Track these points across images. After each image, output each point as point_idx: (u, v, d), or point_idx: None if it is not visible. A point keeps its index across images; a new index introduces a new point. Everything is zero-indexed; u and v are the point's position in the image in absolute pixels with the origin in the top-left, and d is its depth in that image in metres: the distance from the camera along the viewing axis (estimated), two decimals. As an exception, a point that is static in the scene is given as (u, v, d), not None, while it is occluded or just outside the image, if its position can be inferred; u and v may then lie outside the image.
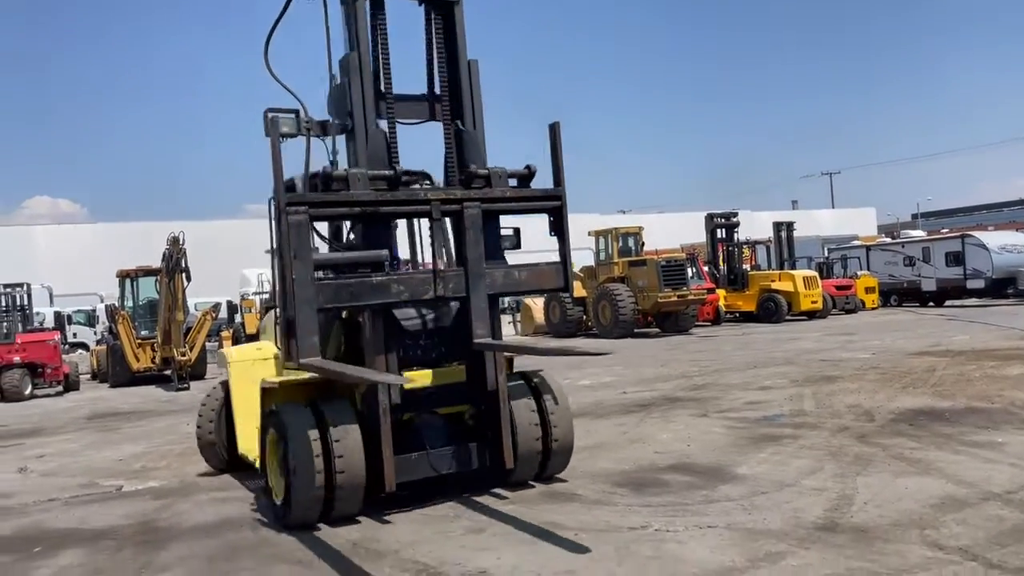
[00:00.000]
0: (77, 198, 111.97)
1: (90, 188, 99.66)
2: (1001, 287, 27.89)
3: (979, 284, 28.26)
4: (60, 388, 18.74)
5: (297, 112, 5.97)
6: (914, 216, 66.23)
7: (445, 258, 5.87)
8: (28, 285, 21.60)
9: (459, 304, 5.80)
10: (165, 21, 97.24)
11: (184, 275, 17.71)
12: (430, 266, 5.72)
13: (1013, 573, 3.96)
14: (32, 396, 17.89)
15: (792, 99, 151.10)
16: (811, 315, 25.74)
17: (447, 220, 5.77)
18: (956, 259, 29.05)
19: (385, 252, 5.60)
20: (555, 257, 6.02)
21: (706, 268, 26.78)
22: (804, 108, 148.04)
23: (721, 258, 27.47)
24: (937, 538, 4.53)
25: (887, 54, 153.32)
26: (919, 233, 38.53)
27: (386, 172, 5.60)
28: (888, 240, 37.21)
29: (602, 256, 25.22)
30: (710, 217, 27.67)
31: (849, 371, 11.95)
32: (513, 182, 5.94)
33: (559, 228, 6.02)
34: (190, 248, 17.58)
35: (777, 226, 28.20)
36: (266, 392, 5.96)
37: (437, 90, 6.15)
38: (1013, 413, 7.97)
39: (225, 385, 7.54)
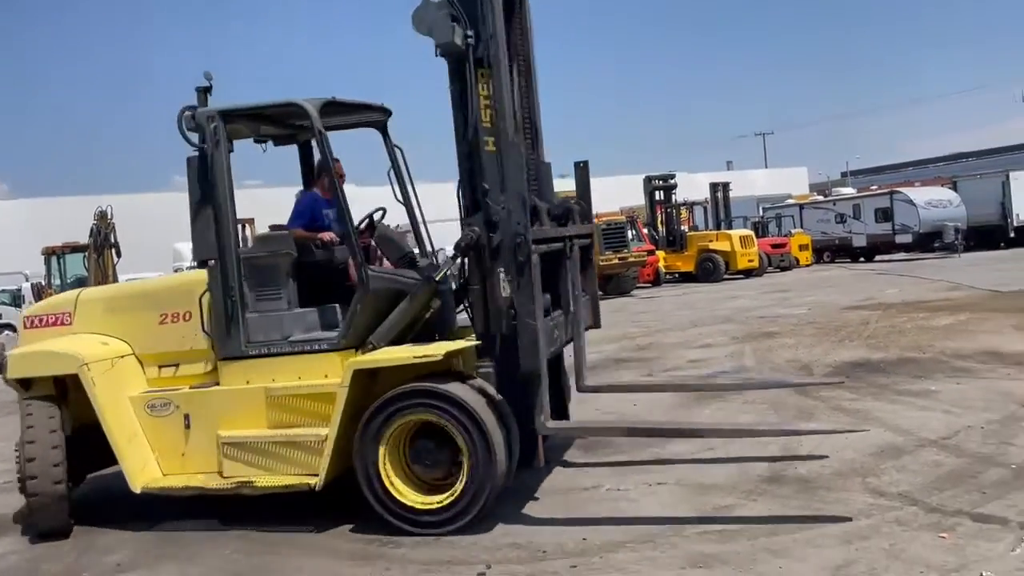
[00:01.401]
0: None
1: (10, 164, 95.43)
2: (928, 241, 28.84)
3: (907, 239, 29.16)
4: (-14, 371, 18.04)
5: (458, 21, 4.73)
6: (843, 174, 67.74)
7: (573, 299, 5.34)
8: (-53, 266, 20.67)
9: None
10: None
11: (114, 251, 17.19)
12: None
13: (952, 515, 4.10)
14: (-43, 381, 17.18)
15: (722, 61, 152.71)
16: (748, 273, 26.25)
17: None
18: (885, 215, 29.89)
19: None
20: None
21: (645, 230, 27.01)
22: (735, 69, 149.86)
23: (660, 220, 27.72)
24: (878, 485, 4.67)
25: (814, 16, 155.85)
26: (849, 191, 39.51)
27: (545, 204, 5.20)
28: (820, 198, 38.09)
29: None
30: (648, 179, 27.85)
31: (787, 327, 12.22)
32: None
33: (589, 265, 5.91)
34: (119, 222, 17.05)
35: (713, 187, 28.57)
36: (384, 373, 4.75)
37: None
38: (944, 362, 8.25)
39: (55, 401, 5.21)
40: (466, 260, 4.93)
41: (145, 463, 5.13)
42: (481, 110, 4.77)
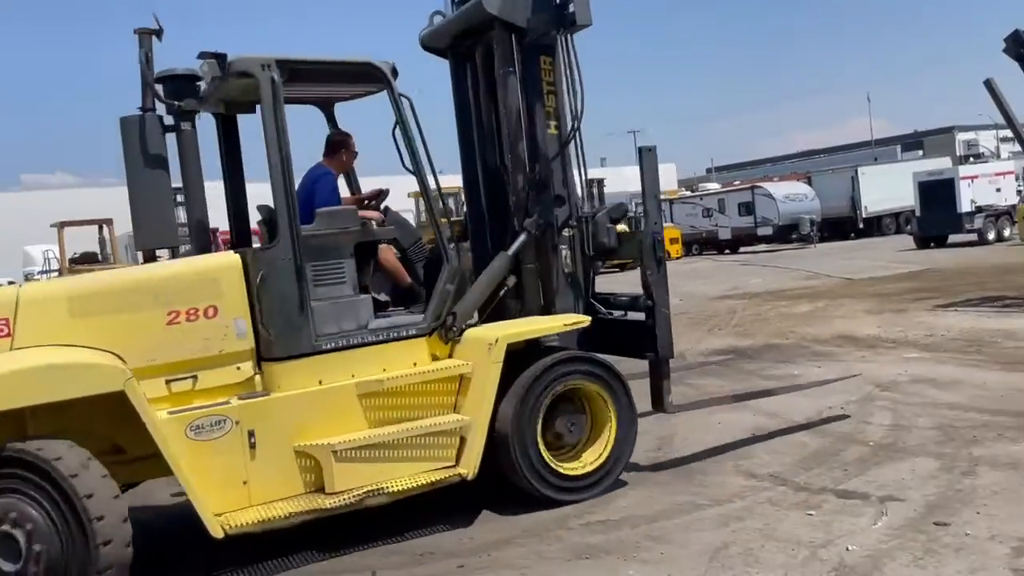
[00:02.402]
0: None
1: None
2: (786, 233, 30.48)
3: (768, 231, 30.72)
4: None
5: None
6: (708, 170, 70.64)
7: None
8: None
9: None
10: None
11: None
12: None
13: (818, 493, 4.32)
14: None
15: (593, 61, 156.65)
16: (622, 267, 26.92)
17: None
18: (748, 209, 31.37)
19: None
20: None
21: (525, 225, 27.27)
22: (605, 69, 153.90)
23: (539, 215, 28.04)
24: (750, 467, 4.87)
25: (680, 22, 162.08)
26: (714, 186, 41.20)
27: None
28: (688, 193, 39.55)
29: (423, 218, 25.05)
30: (525, 175, 28.13)
31: (661, 318, 12.59)
32: None
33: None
34: (-42, 225, 15.75)
35: (589, 183, 29.10)
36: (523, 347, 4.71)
37: None
38: (805, 347, 8.72)
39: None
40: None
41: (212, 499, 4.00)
42: (546, 95, 5.15)
